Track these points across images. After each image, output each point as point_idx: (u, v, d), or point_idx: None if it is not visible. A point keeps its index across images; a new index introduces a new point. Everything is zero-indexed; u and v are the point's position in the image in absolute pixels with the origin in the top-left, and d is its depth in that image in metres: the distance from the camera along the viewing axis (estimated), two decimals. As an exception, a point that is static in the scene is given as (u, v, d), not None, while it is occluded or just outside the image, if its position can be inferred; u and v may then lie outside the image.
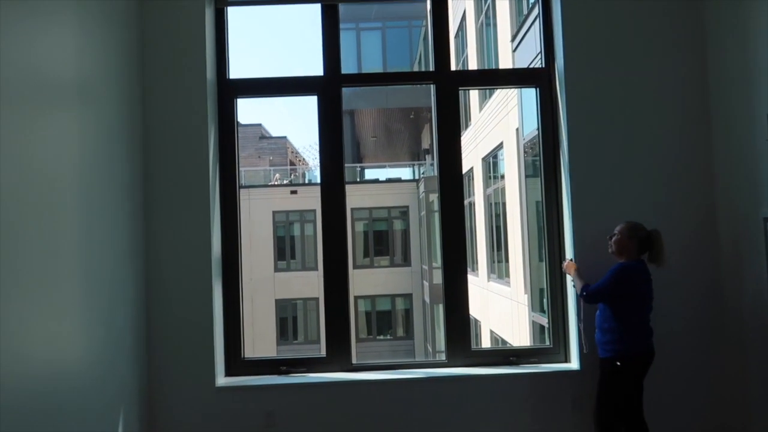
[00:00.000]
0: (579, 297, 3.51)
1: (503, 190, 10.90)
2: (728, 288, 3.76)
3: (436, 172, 4.05)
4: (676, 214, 3.81)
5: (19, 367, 2.50)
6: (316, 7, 4.03)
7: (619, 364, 3.31)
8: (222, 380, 3.83)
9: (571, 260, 3.72)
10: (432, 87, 4.10)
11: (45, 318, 2.71)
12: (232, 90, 4.02)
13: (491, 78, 4.23)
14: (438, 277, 17.46)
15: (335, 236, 4.03)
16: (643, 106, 3.85)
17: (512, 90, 4.38)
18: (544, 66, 4.05)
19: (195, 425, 3.72)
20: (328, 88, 4.03)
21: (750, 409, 3.59)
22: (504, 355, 4.00)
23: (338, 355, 3.96)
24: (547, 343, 4.08)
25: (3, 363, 2.38)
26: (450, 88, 4.04)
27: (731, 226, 3.71)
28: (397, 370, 3.94)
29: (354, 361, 3.99)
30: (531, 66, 4.20)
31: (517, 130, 7.45)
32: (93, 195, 3.15)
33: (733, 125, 3.66)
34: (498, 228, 11.99)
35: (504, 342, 10.68)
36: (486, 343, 12.65)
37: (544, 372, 3.82)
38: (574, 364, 3.85)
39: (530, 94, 4.20)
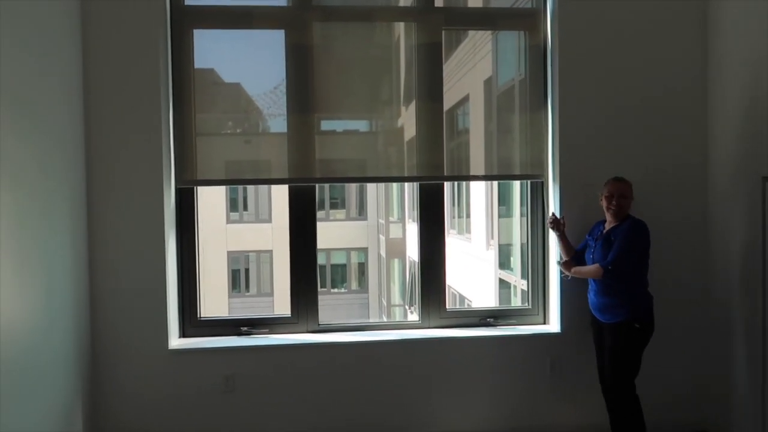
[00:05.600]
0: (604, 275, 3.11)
1: (467, 144, 10.63)
2: (718, 252, 3.64)
3: (414, 124, 3.72)
4: (668, 172, 3.63)
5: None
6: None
7: (638, 326, 3.11)
8: (176, 342, 3.49)
9: (561, 260, 3.44)
10: (413, 26, 3.72)
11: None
12: (188, 18, 3.53)
13: (481, 17, 3.87)
14: (395, 232, 17.26)
15: (302, 190, 3.67)
16: (639, 52, 3.60)
17: (484, 36, 4.04)
18: (534, 6, 3.73)
19: (146, 390, 3.39)
20: (296, 21, 3.59)
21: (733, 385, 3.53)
22: (481, 316, 3.80)
23: (303, 315, 3.67)
24: (520, 302, 3.90)
25: None
26: (433, 28, 3.68)
27: (725, 185, 3.55)
28: (367, 332, 3.69)
29: (320, 321, 3.71)
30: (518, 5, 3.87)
31: (488, 80, 7.04)
32: (24, 139, 2.68)
33: (731, 76, 3.46)
34: (459, 184, 11.77)
35: (463, 298, 10.65)
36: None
37: (523, 334, 3.64)
38: (553, 326, 3.68)
39: (509, 39, 3.86)
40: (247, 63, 3.68)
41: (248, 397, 3.45)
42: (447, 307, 3.79)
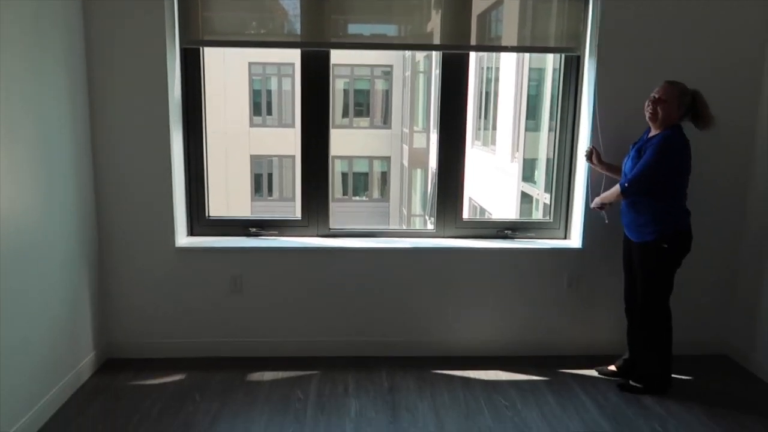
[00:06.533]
0: (621, 192, 2.92)
1: (499, 18, 10.12)
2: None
3: (438, 29, 3.39)
4: (719, 89, 3.29)
5: None
6: None
7: (666, 246, 2.91)
8: (183, 240, 3.42)
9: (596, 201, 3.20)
10: None
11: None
12: None
13: None
14: (418, 142, 16.90)
15: (316, 93, 3.43)
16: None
17: None
18: None
19: (153, 287, 3.36)
20: None
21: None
22: (498, 227, 3.64)
23: (314, 218, 3.55)
24: (541, 215, 3.71)
25: None
26: None
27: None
28: (379, 238, 3.57)
29: (331, 225, 3.59)
30: None
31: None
32: (18, 30, 2.47)
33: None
34: (487, 94, 11.30)
35: (483, 210, 10.50)
36: (464, 211, 12.40)
37: (542, 248, 3.48)
38: (574, 242, 3.52)
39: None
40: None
41: (255, 298, 3.41)
42: (464, 217, 3.63)
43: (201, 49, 3.36)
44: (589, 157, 3.26)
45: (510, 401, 3.03)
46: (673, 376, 3.17)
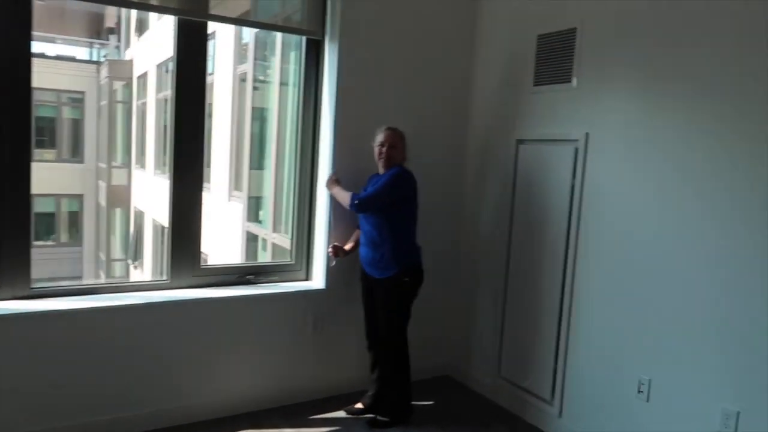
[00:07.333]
0: (350, 206, 3.07)
1: (211, 86, 9.87)
2: (470, 213, 3.86)
3: (172, 66, 3.10)
4: (435, 131, 3.71)
5: None
6: None
7: (407, 279, 3.10)
8: None
9: (334, 174, 3.32)
10: None
11: None
12: None
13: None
14: (118, 178, 15.34)
15: (11, 116, 2.74)
16: (415, 22, 3.55)
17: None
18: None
19: None
20: None
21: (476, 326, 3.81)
22: (240, 273, 3.41)
23: (9, 275, 2.81)
24: (270, 256, 3.62)
25: None
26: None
27: (483, 147, 3.76)
28: (100, 295, 3.00)
29: (33, 283, 2.88)
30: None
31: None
32: None
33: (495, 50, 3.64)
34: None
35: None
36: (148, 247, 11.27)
37: (286, 292, 3.37)
38: (317, 282, 3.50)
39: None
40: None
41: None
42: (201, 263, 3.32)
43: None
44: (336, 254, 3.34)
45: (266, 461, 2.81)
46: (412, 403, 3.35)
